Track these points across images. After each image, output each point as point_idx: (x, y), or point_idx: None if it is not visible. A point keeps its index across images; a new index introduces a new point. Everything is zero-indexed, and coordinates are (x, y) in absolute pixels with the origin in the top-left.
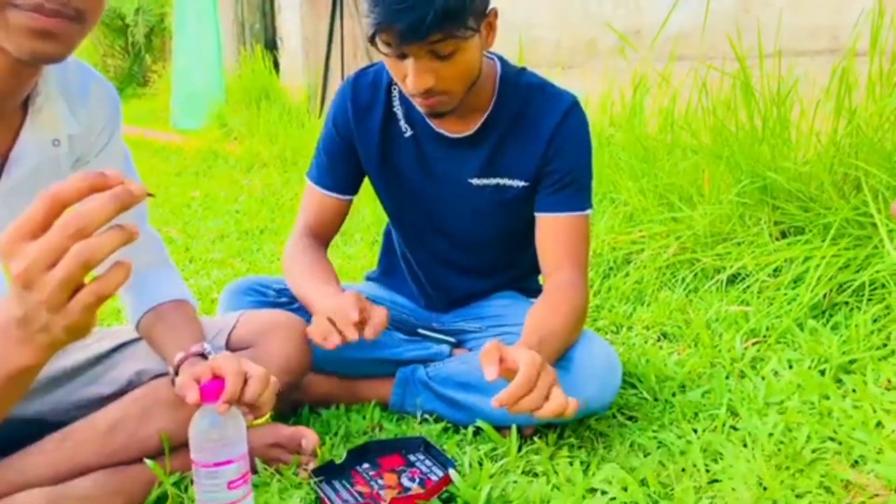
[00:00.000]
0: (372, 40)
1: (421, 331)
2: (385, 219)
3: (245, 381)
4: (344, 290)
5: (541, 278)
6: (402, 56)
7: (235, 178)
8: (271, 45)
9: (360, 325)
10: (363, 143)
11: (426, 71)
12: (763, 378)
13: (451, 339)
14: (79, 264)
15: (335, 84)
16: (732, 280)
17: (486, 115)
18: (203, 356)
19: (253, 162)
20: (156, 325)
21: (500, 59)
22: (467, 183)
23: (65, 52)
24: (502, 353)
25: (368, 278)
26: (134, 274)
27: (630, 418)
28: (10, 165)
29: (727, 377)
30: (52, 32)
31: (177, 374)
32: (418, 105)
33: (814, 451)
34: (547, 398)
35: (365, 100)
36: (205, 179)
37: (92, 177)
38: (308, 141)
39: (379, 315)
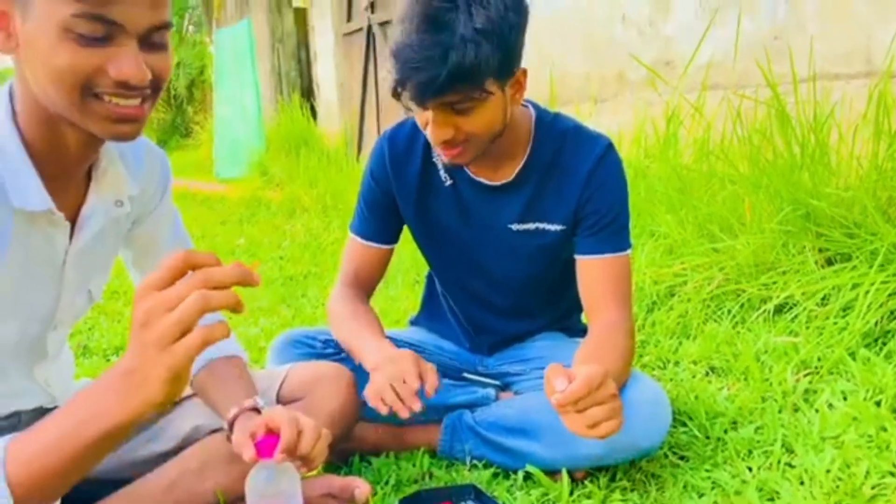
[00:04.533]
0: (394, 93)
1: (466, 375)
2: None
3: (298, 435)
4: (391, 342)
5: (584, 317)
6: (424, 107)
7: (278, 224)
8: (308, 92)
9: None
10: (402, 194)
11: (444, 124)
12: (817, 411)
13: (497, 383)
14: (195, 308)
15: (371, 128)
16: (780, 310)
17: (523, 162)
18: (256, 411)
19: (294, 207)
20: (209, 382)
21: (535, 105)
22: (507, 228)
23: (142, 130)
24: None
25: (412, 323)
26: None
27: (682, 458)
28: (80, 228)
29: (780, 411)
30: (133, 117)
31: (231, 429)
32: (440, 155)
33: (873, 487)
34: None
35: (402, 151)
36: (248, 226)
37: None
38: (346, 185)
39: (433, 376)
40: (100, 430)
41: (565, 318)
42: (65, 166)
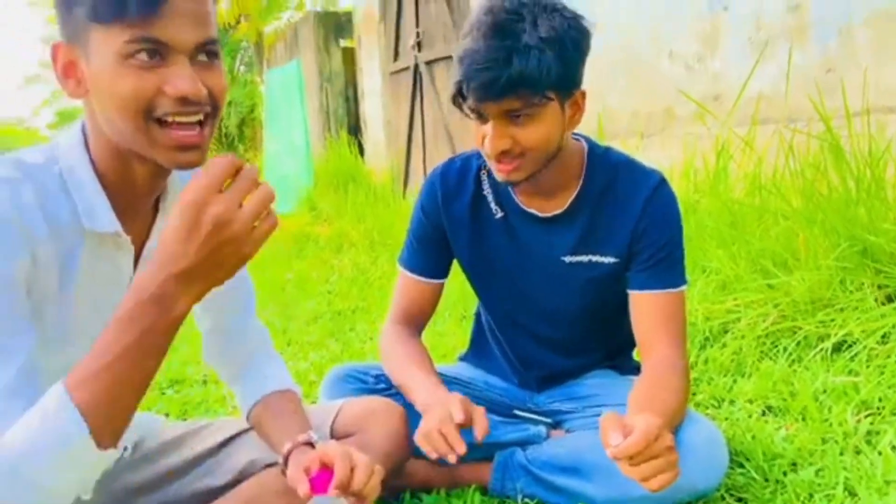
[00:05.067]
0: (455, 100)
1: (517, 412)
2: (474, 296)
3: (351, 470)
4: (441, 380)
5: (636, 354)
6: (483, 118)
7: (326, 259)
8: (355, 130)
9: (465, 424)
10: (453, 228)
11: (503, 135)
12: (880, 453)
13: (548, 420)
14: (266, 200)
15: (417, 165)
16: (838, 348)
17: (576, 193)
18: (311, 445)
19: (342, 242)
20: (264, 416)
21: (586, 138)
22: (559, 261)
23: (204, 157)
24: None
25: (461, 359)
26: (242, 365)
27: (740, 500)
28: (146, 256)
29: (841, 453)
30: (196, 144)
31: (286, 463)
32: (495, 171)
33: None
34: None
35: (453, 186)
36: (297, 261)
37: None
38: (393, 221)
39: (483, 420)
40: (168, 326)
41: (616, 354)
42: (133, 198)
